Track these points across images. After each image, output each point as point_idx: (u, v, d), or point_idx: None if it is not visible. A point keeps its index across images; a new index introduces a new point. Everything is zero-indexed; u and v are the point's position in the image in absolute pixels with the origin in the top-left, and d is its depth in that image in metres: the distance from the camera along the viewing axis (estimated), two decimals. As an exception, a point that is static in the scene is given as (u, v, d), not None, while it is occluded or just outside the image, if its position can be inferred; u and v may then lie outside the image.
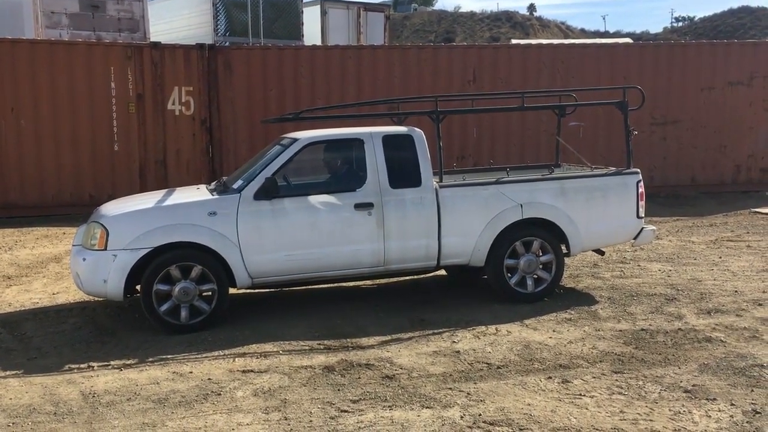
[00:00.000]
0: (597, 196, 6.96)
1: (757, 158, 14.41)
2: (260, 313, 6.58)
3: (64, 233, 10.59)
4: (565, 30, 63.72)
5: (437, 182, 6.67)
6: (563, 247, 6.91)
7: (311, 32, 19.60)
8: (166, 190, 7.13)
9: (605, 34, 64.59)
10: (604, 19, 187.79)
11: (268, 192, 6.13)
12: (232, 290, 6.26)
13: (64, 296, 7.24)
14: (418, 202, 6.49)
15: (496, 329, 5.97)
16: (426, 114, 7.03)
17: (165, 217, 6.04)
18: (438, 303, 6.84)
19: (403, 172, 6.52)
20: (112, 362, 5.36)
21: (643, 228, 7.15)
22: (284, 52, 13.25)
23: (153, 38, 16.07)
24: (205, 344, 5.71)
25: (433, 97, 7.08)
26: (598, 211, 6.95)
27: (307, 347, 5.62)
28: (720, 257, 8.63)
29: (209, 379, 4.97)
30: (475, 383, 4.83)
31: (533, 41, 26.14)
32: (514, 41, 29.02)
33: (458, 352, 5.45)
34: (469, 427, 4.16)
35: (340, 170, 6.85)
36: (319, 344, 5.68)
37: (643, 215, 7.12)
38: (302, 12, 19.18)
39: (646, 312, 6.43)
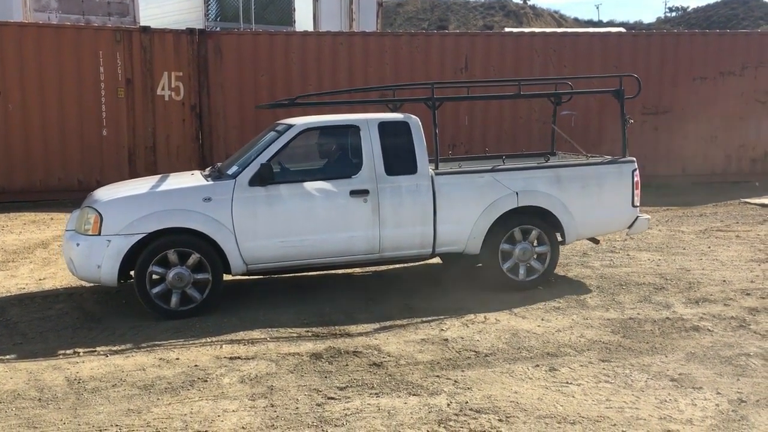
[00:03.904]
0: (592, 184, 6.94)
1: (747, 148, 14.45)
2: (249, 300, 6.55)
3: (52, 219, 10.52)
4: (558, 19, 63.57)
5: (433, 170, 6.64)
6: (558, 236, 6.90)
7: (303, 18, 19.48)
8: (160, 175, 7.08)
9: (598, 24, 64.52)
10: (597, 8, 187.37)
11: (264, 178, 6.08)
12: (226, 276, 6.23)
13: (50, 282, 7.18)
14: (414, 190, 6.46)
15: (485, 317, 5.96)
16: (422, 101, 6.98)
17: (159, 203, 6.00)
18: (427, 291, 6.83)
19: (398, 159, 6.48)
20: (98, 348, 5.32)
21: (637, 217, 7.15)
22: (275, 38, 13.17)
23: (143, 22, 15.93)
24: (193, 331, 5.67)
25: (429, 84, 7.00)
26: (593, 200, 6.93)
27: (295, 334, 5.60)
28: (709, 247, 8.65)
29: (196, 365, 4.95)
30: (462, 371, 4.83)
31: (526, 30, 26.06)
32: (507, 29, 28.93)
33: (446, 339, 5.44)
34: (456, 414, 4.16)
35: (336, 157, 6.81)
36: (307, 331, 5.66)
37: (638, 204, 7.12)
38: (294, -2, 19.08)
39: (634, 301, 6.44)
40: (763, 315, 5.97)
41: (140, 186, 6.43)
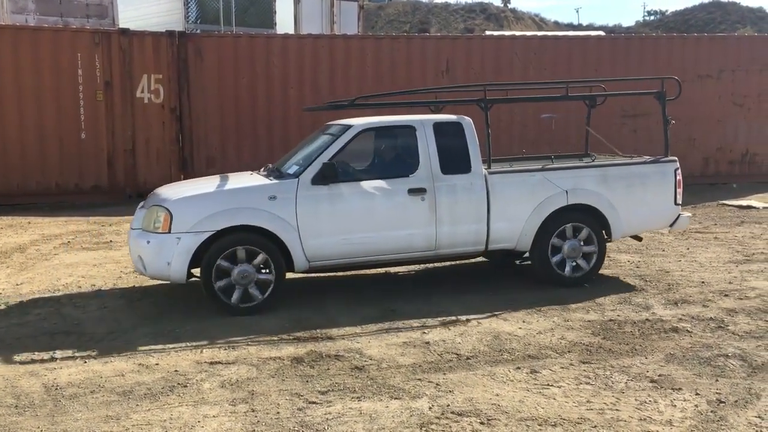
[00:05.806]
0: (637, 183, 7.17)
1: (725, 151, 14.62)
2: (229, 304, 6.50)
3: (29, 222, 10.39)
4: (539, 22, 63.93)
5: (486, 169, 6.78)
6: (604, 233, 7.05)
7: (284, 21, 19.41)
8: (219, 175, 7.15)
9: (578, 27, 65.01)
10: (577, 12, 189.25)
11: (326, 177, 6.22)
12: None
13: (28, 287, 7.09)
14: (469, 188, 6.61)
15: (467, 320, 5.97)
16: (474, 102, 7.13)
17: (227, 201, 6.14)
18: (409, 294, 6.83)
19: (453, 158, 6.65)
20: (76, 354, 5.26)
21: (679, 215, 7.35)
22: (256, 41, 13.12)
23: (122, 25, 15.79)
24: (173, 336, 5.63)
25: (481, 86, 7.23)
26: (637, 198, 7.14)
27: (276, 338, 5.57)
28: (688, 249, 8.74)
29: (176, 371, 4.90)
30: (444, 374, 4.83)
31: (506, 33, 26.20)
32: (488, 33, 29.06)
33: (428, 342, 5.44)
34: (438, 417, 4.16)
35: (393, 156, 6.96)
36: (289, 335, 5.63)
37: (680, 202, 7.32)
38: (275, 0, 18.99)
39: (614, 303, 6.48)
40: (741, 316, 6.03)
41: (204, 185, 6.55)
